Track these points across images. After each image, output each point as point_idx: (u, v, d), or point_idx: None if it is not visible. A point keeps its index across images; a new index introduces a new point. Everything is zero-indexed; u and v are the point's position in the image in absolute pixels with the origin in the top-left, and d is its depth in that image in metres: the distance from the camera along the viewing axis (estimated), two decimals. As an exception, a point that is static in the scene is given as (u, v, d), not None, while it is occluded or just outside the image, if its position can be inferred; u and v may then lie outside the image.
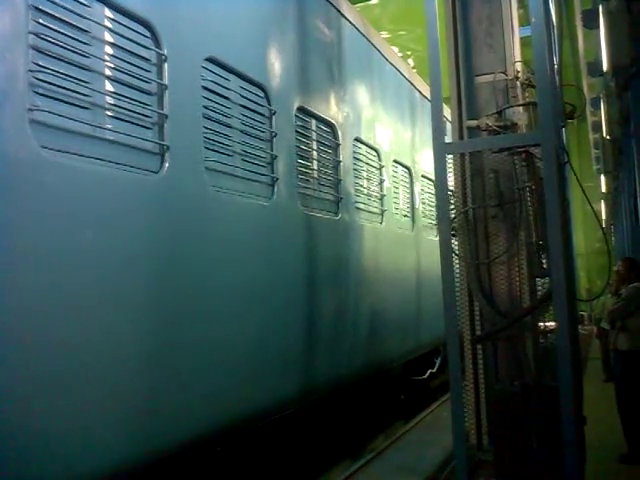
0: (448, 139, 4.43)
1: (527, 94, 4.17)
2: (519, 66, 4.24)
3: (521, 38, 4.43)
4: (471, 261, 4.09)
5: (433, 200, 8.51)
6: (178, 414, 3.61)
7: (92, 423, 3.08)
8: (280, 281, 4.72)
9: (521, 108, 4.05)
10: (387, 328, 6.78)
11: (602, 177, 18.68)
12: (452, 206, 4.11)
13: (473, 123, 4.17)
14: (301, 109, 5.20)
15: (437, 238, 4.01)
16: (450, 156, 4.08)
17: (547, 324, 3.99)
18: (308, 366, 5.11)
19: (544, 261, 3.94)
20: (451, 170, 4.14)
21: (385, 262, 6.80)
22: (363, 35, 6.70)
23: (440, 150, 3.91)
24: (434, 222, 8.37)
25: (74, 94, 3.11)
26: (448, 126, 4.93)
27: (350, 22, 6.33)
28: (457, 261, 4.09)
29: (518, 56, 4.32)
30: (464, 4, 4.36)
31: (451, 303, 3.81)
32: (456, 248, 4.12)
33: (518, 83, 4.17)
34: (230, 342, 4.08)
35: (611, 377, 8.10)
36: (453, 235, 4.09)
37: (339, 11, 6.07)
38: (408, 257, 7.60)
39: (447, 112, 4.65)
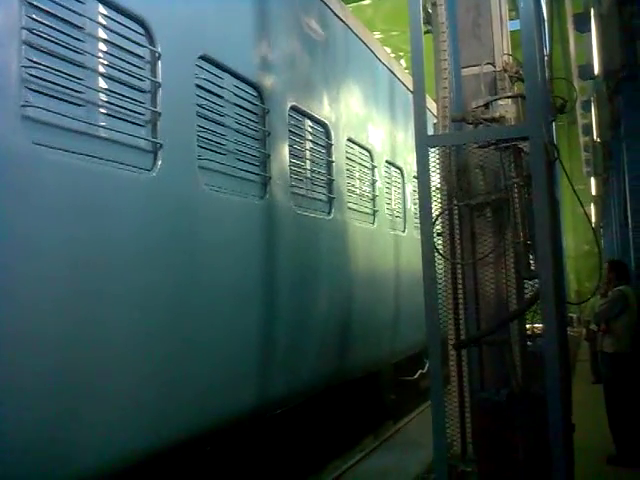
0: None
1: (516, 88, 3.96)
2: (508, 58, 4.03)
3: (511, 33, 4.25)
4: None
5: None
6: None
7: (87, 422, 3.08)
8: (271, 280, 4.72)
9: (509, 100, 3.76)
10: (379, 328, 6.80)
11: (592, 180, 18.79)
12: (436, 204, 3.84)
13: (458, 115, 3.87)
14: (294, 108, 5.21)
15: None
16: (434, 151, 3.81)
17: (535, 325, 3.82)
18: (300, 366, 5.13)
19: (532, 262, 3.72)
20: (435, 166, 3.92)
21: (377, 263, 6.82)
22: (356, 35, 6.72)
23: (422, 143, 3.54)
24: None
25: (67, 90, 3.11)
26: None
27: (343, 22, 6.35)
28: (441, 261, 3.86)
29: (507, 48, 4.11)
30: None
31: (433, 305, 3.50)
32: (440, 248, 3.92)
33: (507, 75, 3.94)
34: (222, 339, 4.09)
35: (599, 379, 8.16)
36: (439, 234, 3.92)
37: (332, 11, 6.08)
38: (400, 258, 7.62)
39: (434, 109, 4.47)
